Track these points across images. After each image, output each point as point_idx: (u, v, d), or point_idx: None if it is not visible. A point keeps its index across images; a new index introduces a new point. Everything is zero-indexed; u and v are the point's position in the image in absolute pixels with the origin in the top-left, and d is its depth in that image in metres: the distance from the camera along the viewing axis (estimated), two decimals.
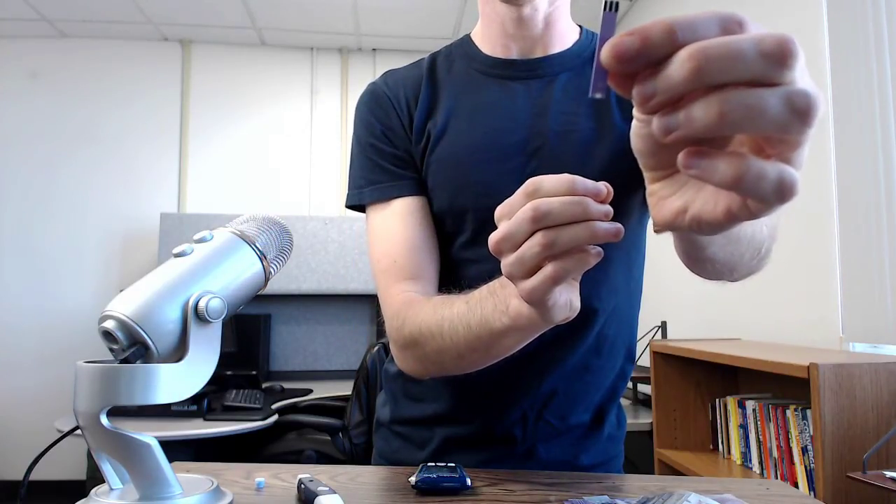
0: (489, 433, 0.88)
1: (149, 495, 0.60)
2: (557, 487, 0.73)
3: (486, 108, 0.86)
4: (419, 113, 0.88)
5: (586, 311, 0.81)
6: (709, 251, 0.62)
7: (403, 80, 0.91)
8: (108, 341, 0.60)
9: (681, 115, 0.32)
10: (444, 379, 0.88)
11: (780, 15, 2.24)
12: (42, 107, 3.97)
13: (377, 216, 0.87)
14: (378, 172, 0.88)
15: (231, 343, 3.46)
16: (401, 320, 0.79)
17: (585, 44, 0.90)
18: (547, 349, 0.82)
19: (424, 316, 0.75)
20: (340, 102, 4.22)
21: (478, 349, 0.69)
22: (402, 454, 0.93)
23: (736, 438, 2.00)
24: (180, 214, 3.79)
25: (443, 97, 0.89)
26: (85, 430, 0.60)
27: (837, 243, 1.90)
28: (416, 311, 0.77)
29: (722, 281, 0.74)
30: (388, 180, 0.87)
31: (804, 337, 2.00)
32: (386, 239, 0.85)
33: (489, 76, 0.88)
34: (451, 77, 0.90)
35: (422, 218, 0.85)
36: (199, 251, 0.66)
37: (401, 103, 0.89)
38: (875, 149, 1.77)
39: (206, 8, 3.69)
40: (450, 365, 0.76)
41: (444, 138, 0.86)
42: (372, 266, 0.87)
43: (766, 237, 0.70)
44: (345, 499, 0.64)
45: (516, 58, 0.88)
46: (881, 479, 1.22)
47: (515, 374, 0.85)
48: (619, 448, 0.96)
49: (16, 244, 3.89)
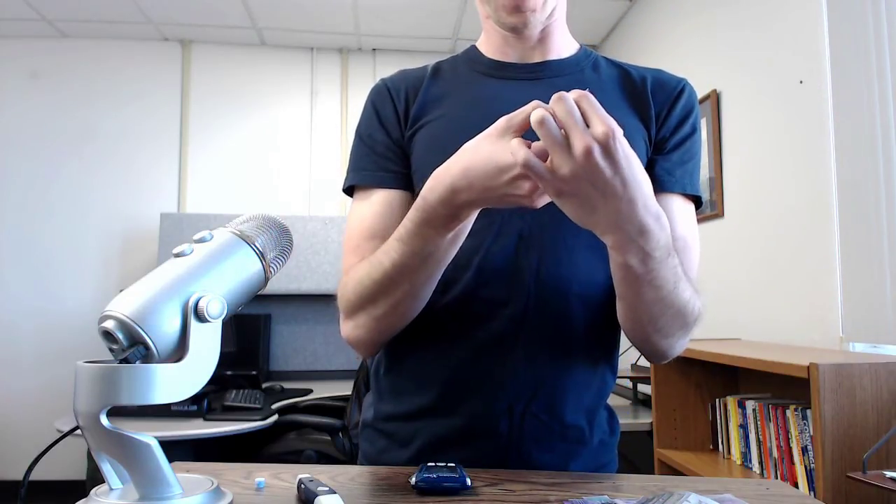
0: (475, 426, 0.86)
1: (149, 495, 0.60)
2: (557, 487, 0.73)
3: (479, 100, 0.91)
4: (417, 105, 0.92)
5: (566, 294, 0.86)
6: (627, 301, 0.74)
7: (408, 75, 0.96)
8: (107, 341, 0.60)
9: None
10: (428, 371, 0.88)
11: (781, 15, 2.24)
12: (42, 107, 3.97)
13: (357, 200, 0.92)
14: (367, 160, 0.92)
15: (231, 343, 3.46)
16: (343, 286, 0.86)
17: (583, 57, 0.96)
18: (529, 339, 0.85)
19: (359, 269, 0.82)
20: (340, 102, 4.22)
21: (410, 266, 0.76)
22: (386, 455, 0.91)
23: (736, 438, 2.00)
24: (180, 214, 3.79)
25: (442, 92, 0.93)
26: (85, 430, 0.60)
27: (837, 243, 1.90)
28: (353, 271, 0.84)
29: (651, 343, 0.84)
30: (375, 168, 0.91)
31: (804, 337, 2.00)
32: (359, 222, 0.90)
33: (488, 76, 0.94)
34: (454, 77, 0.96)
35: (399, 212, 0.86)
36: (198, 251, 0.66)
37: (399, 94, 0.93)
38: (875, 148, 1.77)
39: (206, 8, 3.69)
40: (389, 308, 0.81)
41: (433, 123, 0.90)
42: (343, 244, 0.92)
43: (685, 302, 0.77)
44: (344, 499, 0.64)
45: (517, 62, 0.94)
46: (881, 479, 1.22)
47: (500, 362, 0.86)
48: (612, 455, 0.95)
49: (15, 244, 3.89)
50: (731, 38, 2.59)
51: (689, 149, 0.91)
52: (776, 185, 2.21)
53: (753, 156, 2.36)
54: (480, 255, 0.86)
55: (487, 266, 0.86)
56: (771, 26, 2.30)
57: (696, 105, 0.94)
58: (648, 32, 3.44)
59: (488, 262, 0.86)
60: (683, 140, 0.91)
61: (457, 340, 0.88)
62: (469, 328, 0.87)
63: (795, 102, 2.13)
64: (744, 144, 2.45)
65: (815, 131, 2.02)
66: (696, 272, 0.88)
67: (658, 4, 3.32)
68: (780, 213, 2.17)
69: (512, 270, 0.85)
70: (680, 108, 0.91)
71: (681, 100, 0.92)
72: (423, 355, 0.90)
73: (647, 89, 0.92)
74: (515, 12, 0.86)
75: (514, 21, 0.87)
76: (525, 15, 0.86)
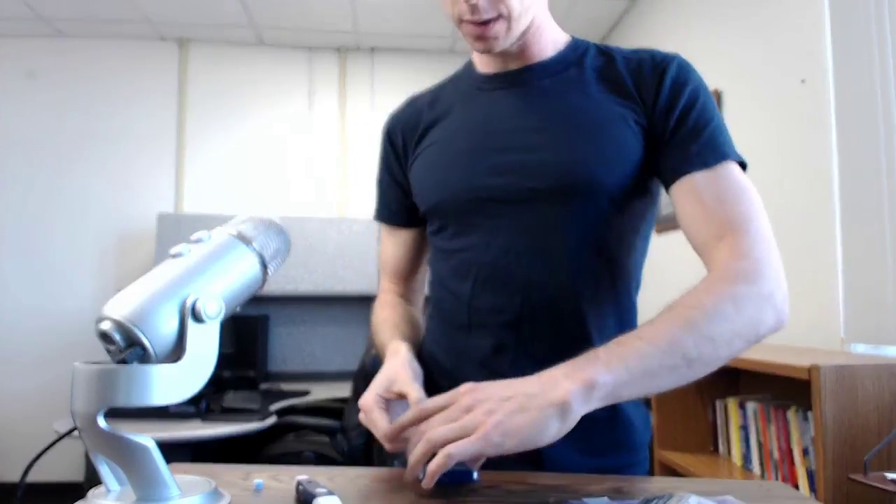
0: None
1: (146, 497, 0.59)
2: (557, 488, 0.73)
3: (470, 117, 0.95)
4: (416, 138, 1.00)
5: (559, 298, 0.87)
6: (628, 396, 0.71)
7: (412, 108, 1.04)
8: (105, 342, 0.60)
9: None
10: (432, 381, 0.89)
11: (782, 14, 2.24)
12: (39, 106, 3.96)
13: (382, 231, 1.11)
14: (381, 198, 1.09)
15: (229, 344, 3.45)
16: (374, 311, 1.07)
17: (569, 51, 0.94)
18: (526, 343, 0.88)
19: (377, 316, 1.05)
20: (338, 102, 4.21)
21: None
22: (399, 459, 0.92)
23: (736, 440, 1.99)
24: (177, 215, 3.78)
25: (439, 115, 0.99)
26: (82, 431, 0.59)
27: (839, 244, 1.90)
28: (377, 310, 1.06)
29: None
30: (386, 207, 1.08)
31: (805, 338, 2.00)
32: (383, 255, 1.11)
33: (480, 90, 0.97)
34: (454, 94, 1.00)
35: (411, 247, 1.07)
36: (196, 252, 0.65)
37: (397, 136, 1.03)
38: (877, 148, 1.76)
39: (203, 7, 3.68)
40: None
41: (430, 147, 0.97)
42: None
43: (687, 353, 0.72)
44: (343, 500, 0.64)
45: (499, 71, 0.95)
46: (882, 480, 1.22)
47: (499, 367, 0.88)
48: (642, 455, 0.94)
49: (14, 244, 3.88)
50: (733, 38, 2.58)
51: (697, 119, 0.84)
52: (778, 184, 2.20)
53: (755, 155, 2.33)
54: (476, 269, 0.90)
55: (482, 277, 0.89)
56: (772, 25, 2.30)
57: (688, 74, 0.88)
58: (649, 32, 3.44)
59: (482, 273, 0.89)
60: (685, 114, 0.84)
61: (456, 351, 0.93)
62: (467, 338, 0.91)
63: (797, 102, 2.13)
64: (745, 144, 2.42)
65: (817, 131, 2.02)
66: (758, 238, 0.79)
67: (658, 4, 3.32)
68: (781, 212, 2.16)
69: (504, 279, 0.88)
70: (667, 86, 0.86)
71: (665, 77, 0.86)
72: (426, 365, 0.92)
73: (630, 75, 0.89)
74: (479, 41, 0.87)
75: (481, 47, 0.88)
76: (489, 42, 0.86)
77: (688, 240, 0.85)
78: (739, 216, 0.79)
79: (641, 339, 0.70)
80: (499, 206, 0.88)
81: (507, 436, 0.62)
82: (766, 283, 0.76)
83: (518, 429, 0.63)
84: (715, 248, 0.79)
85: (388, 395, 0.80)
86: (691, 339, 0.70)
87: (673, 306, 0.74)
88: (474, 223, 0.91)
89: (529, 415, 0.64)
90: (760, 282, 0.76)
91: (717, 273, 0.78)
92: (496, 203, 0.88)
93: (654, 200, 0.94)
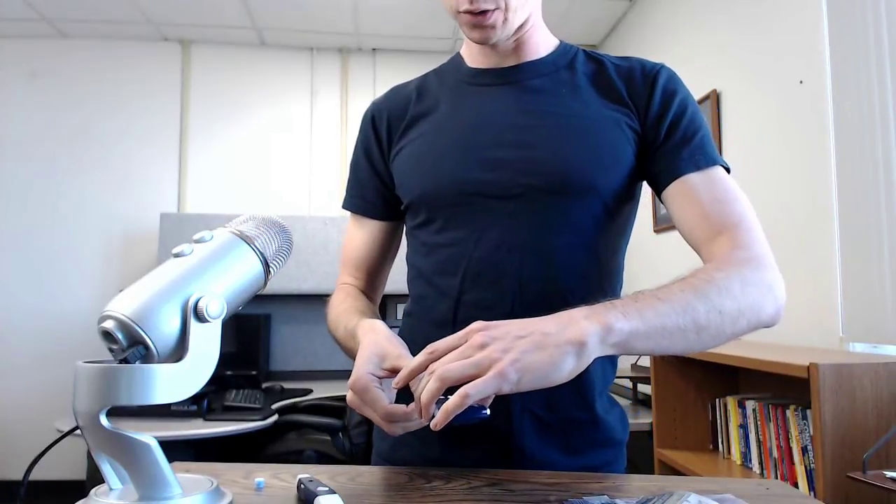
0: (474, 428, 0.85)
1: (148, 495, 0.60)
2: (557, 487, 0.73)
3: (460, 111, 0.95)
4: (402, 127, 0.98)
5: (551, 292, 0.86)
6: (640, 350, 0.70)
7: (396, 96, 1.02)
8: (107, 341, 0.60)
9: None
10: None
11: (781, 15, 2.24)
12: (42, 107, 3.97)
13: (351, 221, 1.07)
14: (355, 187, 1.05)
15: (231, 343, 3.45)
16: (330, 302, 1.03)
17: (560, 54, 0.96)
18: None
19: (333, 308, 1.01)
20: (340, 102, 4.22)
21: (345, 348, 0.92)
22: (401, 452, 0.93)
23: (736, 438, 2.00)
24: (180, 214, 3.79)
25: (426, 108, 0.98)
26: (84, 430, 0.60)
27: (837, 243, 1.90)
28: (334, 302, 1.02)
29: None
30: (360, 196, 1.04)
31: (804, 337, 2.00)
32: (348, 244, 1.07)
33: (470, 85, 0.97)
34: (440, 88, 0.99)
35: (379, 241, 1.04)
36: (198, 251, 0.66)
37: (381, 124, 1.01)
38: (875, 148, 1.77)
39: (205, 8, 3.68)
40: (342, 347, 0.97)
41: (416, 140, 0.96)
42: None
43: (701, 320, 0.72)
44: (344, 499, 0.64)
45: (492, 67, 0.96)
46: (881, 479, 1.22)
47: None
48: (619, 453, 0.94)
49: (15, 244, 3.89)
50: (731, 38, 2.59)
51: (686, 126, 0.88)
52: (776, 184, 2.20)
53: (753, 156, 2.35)
54: (465, 263, 0.89)
55: (472, 272, 0.89)
56: (771, 26, 2.30)
57: (676, 84, 0.91)
58: (648, 32, 3.44)
59: (472, 268, 0.89)
60: (676, 121, 0.88)
61: None
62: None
63: (795, 102, 2.13)
64: (744, 144, 2.45)
65: (815, 131, 2.02)
66: (755, 235, 0.81)
67: (658, 4, 3.32)
68: (780, 212, 2.16)
69: (496, 274, 0.87)
70: (659, 94, 0.89)
71: (657, 86, 0.89)
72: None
73: (623, 83, 0.91)
74: (476, 28, 0.87)
75: (478, 37, 0.88)
76: (486, 31, 0.87)
77: (684, 237, 0.87)
78: (736, 215, 0.83)
79: (658, 298, 0.70)
80: (490, 200, 0.88)
81: (523, 372, 0.61)
82: (767, 272, 0.79)
83: (535, 366, 0.61)
84: (714, 242, 0.82)
85: (381, 374, 0.75)
86: (703, 307, 0.71)
87: (685, 277, 0.75)
88: (464, 217, 0.90)
89: (547, 352, 0.62)
90: (763, 271, 0.79)
91: (723, 257, 0.80)
92: (487, 197, 0.88)
93: (636, 205, 0.96)
